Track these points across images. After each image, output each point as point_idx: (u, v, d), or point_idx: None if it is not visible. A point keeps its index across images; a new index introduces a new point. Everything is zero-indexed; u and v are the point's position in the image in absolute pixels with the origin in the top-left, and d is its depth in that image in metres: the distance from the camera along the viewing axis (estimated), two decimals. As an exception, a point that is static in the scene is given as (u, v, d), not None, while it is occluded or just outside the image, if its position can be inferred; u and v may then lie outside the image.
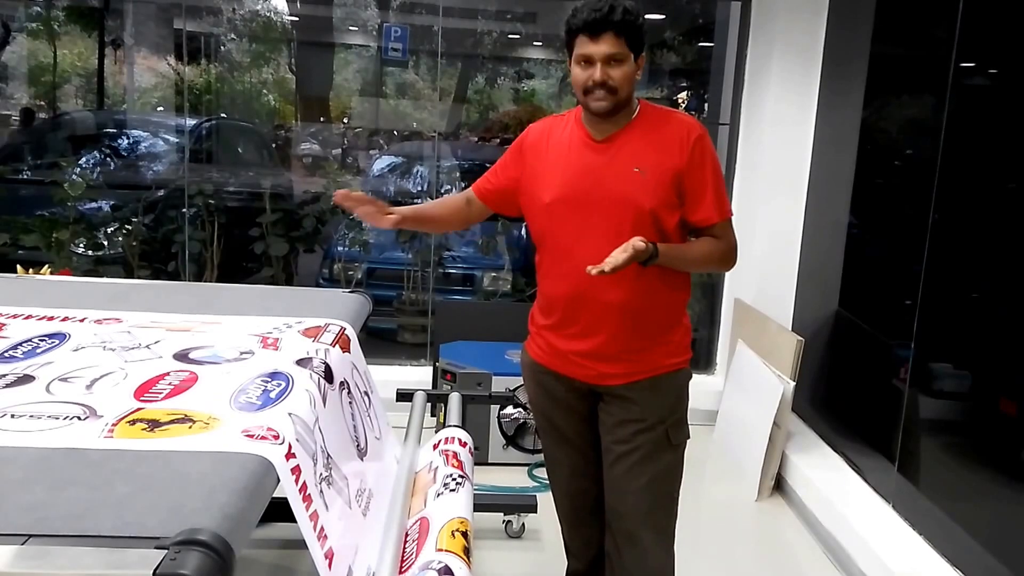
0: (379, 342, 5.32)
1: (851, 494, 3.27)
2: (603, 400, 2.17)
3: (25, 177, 5.73)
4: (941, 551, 2.79)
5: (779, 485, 3.57)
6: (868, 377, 3.60)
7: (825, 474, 3.43)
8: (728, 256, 2.15)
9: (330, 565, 1.53)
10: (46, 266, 3.82)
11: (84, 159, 5.56)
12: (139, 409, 1.59)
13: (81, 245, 5.02)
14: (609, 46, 1.95)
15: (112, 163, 5.77)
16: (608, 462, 2.17)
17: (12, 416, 1.53)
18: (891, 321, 3.52)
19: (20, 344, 1.95)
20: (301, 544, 1.47)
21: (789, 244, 4.02)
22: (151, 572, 1.05)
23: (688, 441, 2.18)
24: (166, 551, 1.09)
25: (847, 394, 3.82)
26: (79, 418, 1.54)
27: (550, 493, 2.38)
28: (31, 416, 1.54)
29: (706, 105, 5.95)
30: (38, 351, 1.92)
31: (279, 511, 1.46)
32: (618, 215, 2.03)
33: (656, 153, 2.05)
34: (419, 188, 5.99)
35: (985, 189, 2.99)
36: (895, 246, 3.57)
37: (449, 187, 5.86)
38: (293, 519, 1.46)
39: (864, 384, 3.67)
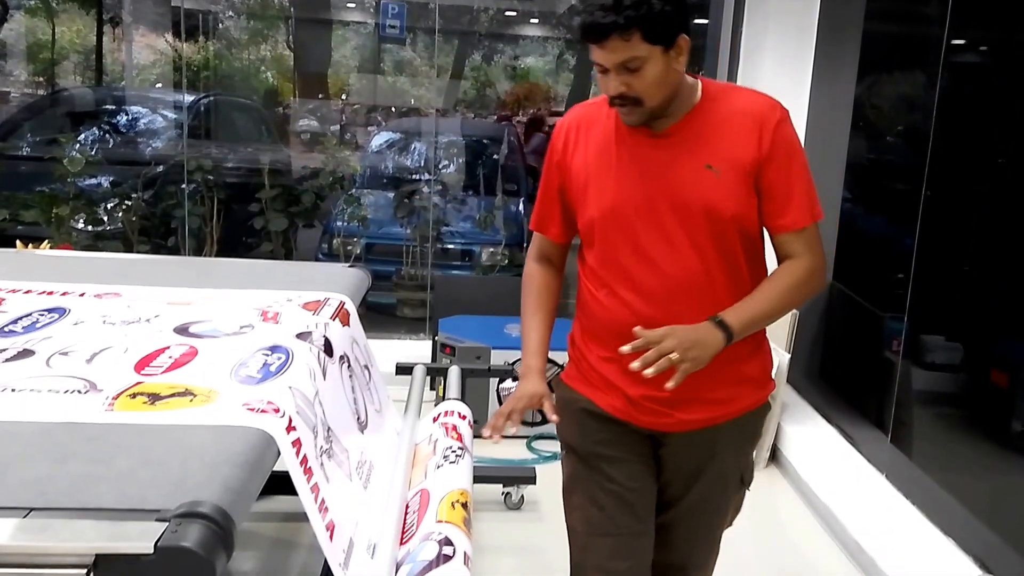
0: (378, 317, 5.30)
1: (845, 465, 3.27)
2: (665, 445, 1.73)
3: (25, 154, 5.68)
4: (934, 520, 2.79)
5: (774, 456, 3.57)
6: (861, 349, 3.59)
7: (820, 445, 3.42)
8: (816, 278, 1.66)
9: (331, 537, 1.51)
10: (46, 241, 3.79)
11: (83, 135, 5.50)
12: (140, 383, 1.57)
13: (81, 221, 4.98)
14: (619, 52, 1.49)
15: (111, 139, 5.71)
16: (670, 516, 1.79)
17: (12, 390, 1.51)
18: (884, 294, 3.51)
19: (20, 319, 1.92)
20: (303, 516, 1.45)
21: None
22: (152, 544, 1.03)
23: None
24: (167, 523, 1.07)
25: (841, 366, 3.82)
26: (80, 392, 1.51)
27: (549, 466, 2.31)
28: (32, 390, 1.51)
29: (703, 71, 5.90)
30: (38, 325, 1.89)
31: (280, 484, 1.44)
32: (692, 225, 1.60)
33: (730, 145, 1.60)
34: (417, 164, 5.96)
35: (976, 164, 2.96)
36: (888, 220, 3.55)
37: (447, 162, 5.82)
38: (294, 492, 1.44)
39: (858, 356, 3.66)
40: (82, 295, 2.16)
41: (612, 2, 1.46)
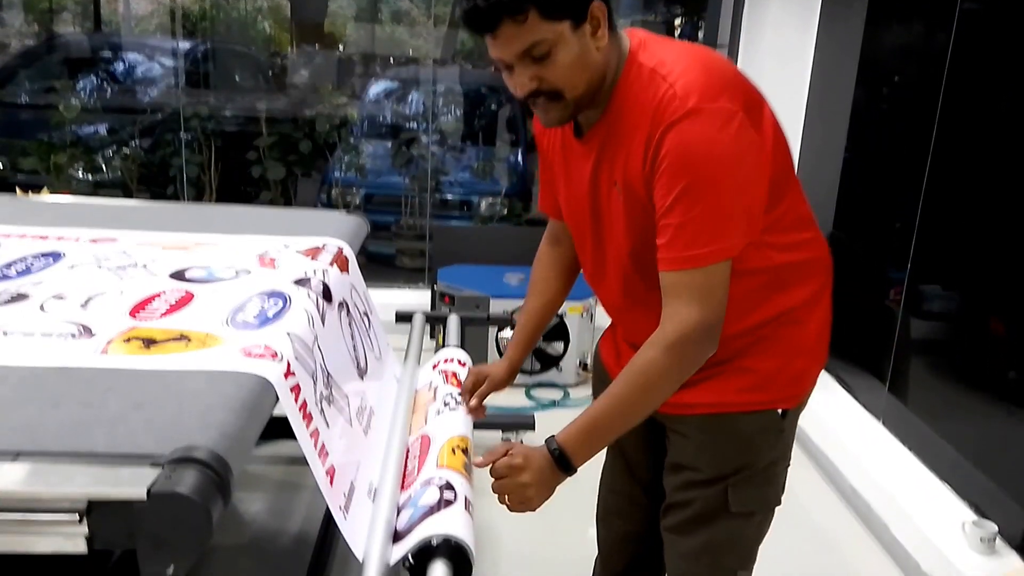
0: (378, 266, 5.26)
1: (843, 413, 3.25)
2: (667, 430, 1.54)
3: (22, 102, 5.57)
4: (930, 466, 2.78)
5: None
6: (860, 299, 3.55)
7: (817, 394, 3.38)
8: (677, 348, 1.22)
9: (332, 482, 1.48)
10: (44, 189, 3.72)
11: (80, 83, 5.39)
12: (134, 327, 1.52)
13: (80, 170, 4.91)
14: (517, 39, 1.18)
15: (108, 87, 5.60)
16: (662, 509, 1.57)
17: (5, 334, 1.46)
18: (884, 243, 3.46)
19: (14, 263, 1.87)
20: (306, 460, 1.41)
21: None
22: (145, 490, 0.99)
23: (767, 514, 1.51)
24: (161, 469, 1.02)
25: (839, 315, 3.76)
26: (73, 336, 1.46)
27: (548, 413, 2.27)
28: (24, 334, 1.46)
29: (701, 28, 5.77)
30: (32, 270, 1.84)
31: (285, 428, 1.40)
32: (617, 254, 1.36)
33: (628, 153, 1.25)
34: (416, 112, 5.86)
35: (985, 114, 2.89)
36: (891, 170, 3.48)
37: (446, 111, 5.72)
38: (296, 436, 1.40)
39: (856, 306, 3.62)
40: (77, 240, 2.10)
41: None
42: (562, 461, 1.32)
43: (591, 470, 1.99)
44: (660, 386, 1.27)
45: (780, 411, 1.41)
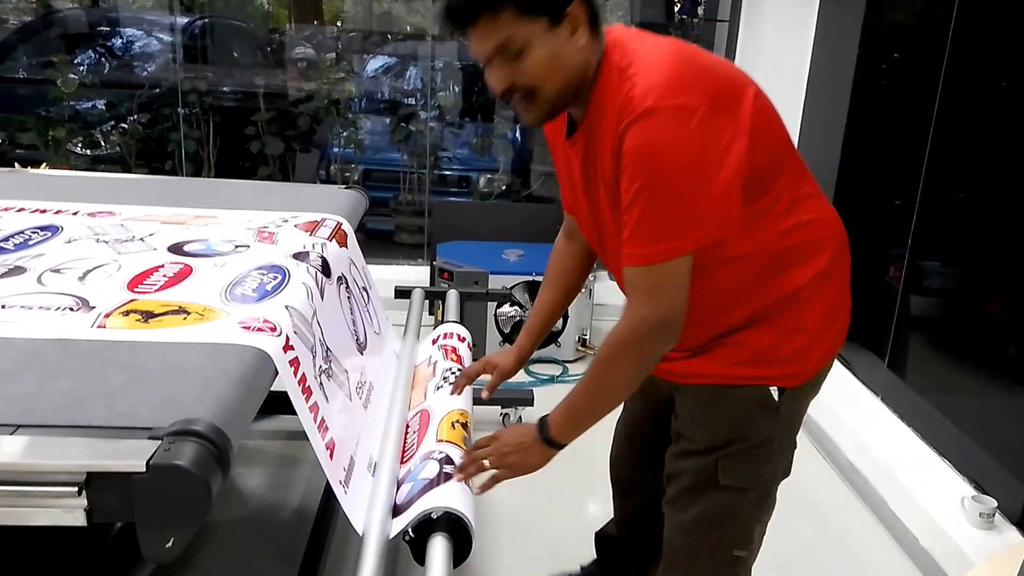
0: (377, 243, 5.23)
1: (842, 389, 3.24)
2: (674, 397, 1.54)
3: (21, 77, 5.52)
4: (929, 442, 2.78)
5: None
6: (859, 275, 3.53)
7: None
8: (636, 345, 1.26)
9: (331, 456, 1.47)
10: (43, 164, 3.69)
11: (78, 58, 5.34)
12: (133, 300, 1.50)
13: (79, 145, 4.87)
14: (492, 35, 1.20)
15: (106, 62, 5.55)
16: (664, 479, 1.57)
17: (3, 307, 1.45)
18: (884, 220, 3.44)
19: (11, 236, 1.85)
20: (306, 435, 1.40)
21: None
22: (144, 463, 0.98)
23: (763, 494, 1.50)
24: (160, 442, 1.01)
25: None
26: (71, 309, 1.45)
27: (546, 388, 2.26)
28: (22, 307, 1.45)
29: (701, 4, 5.70)
30: (30, 243, 1.82)
31: (284, 403, 1.39)
32: (613, 248, 1.36)
33: (604, 152, 1.26)
34: (414, 87, 5.81)
35: (987, 91, 2.86)
36: (892, 147, 3.45)
37: (444, 87, 5.67)
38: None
39: (855, 282, 3.60)
40: (75, 213, 2.08)
41: None
42: (547, 435, 1.39)
43: (591, 447, 1.99)
44: (622, 379, 1.32)
45: (776, 388, 1.39)
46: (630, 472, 1.83)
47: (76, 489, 0.99)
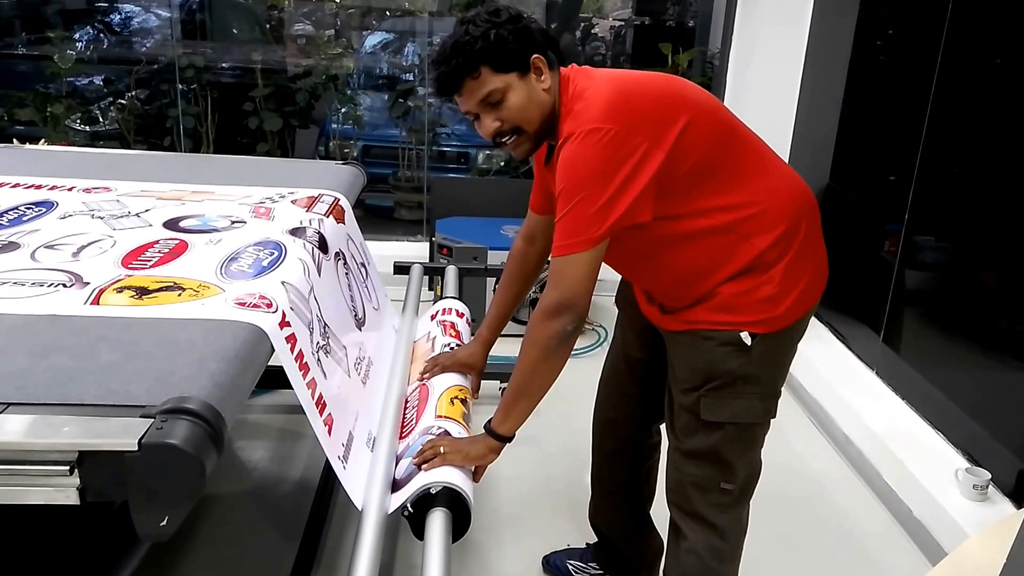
0: (376, 219, 5.19)
1: (837, 363, 3.22)
2: (666, 344, 1.70)
3: (20, 52, 5.44)
4: (922, 414, 2.76)
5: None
6: (855, 250, 3.50)
7: (812, 343, 3.35)
8: (545, 326, 1.46)
9: (330, 431, 1.44)
10: (42, 140, 3.64)
11: (76, 34, 5.26)
12: (127, 276, 1.47)
13: (77, 121, 4.80)
14: (476, 92, 1.47)
15: (104, 38, 5.47)
16: (665, 403, 1.72)
17: (-5, 283, 1.41)
18: (879, 195, 3.40)
19: (6, 212, 1.81)
20: (303, 411, 1.38)
21: (783, 117, 3.84)
22: (136, 441, 0.95)
23: (741, 430, 1.61)
24: (152, 420, 0.98)
25: (834, 266, 3.71)
26: (64, 285, 1.42)
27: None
28: (15, 283, 1.41)
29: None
30: (24, 219, 1.78)
31: (285, 378, 1.36)
32: None
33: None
34: (412, 63, 5.73)
35: (984, 67, 2.81)
36: (888, 123, 3.40)
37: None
38: (292, 386, 1.36)
39: (850, 257, 3.58)
40: (71, 189, 2.04)
41: (449, 49, 1.46)
42: (489, 429, 1.57)
43: (589, 422, 1.97)
44: (538, 359, 1.51)
45: (748, 334, 1.53)
46: (615, 412, 1.94)
47: (68, 468, 0.96)
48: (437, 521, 1.34)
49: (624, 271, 1.73)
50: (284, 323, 1.38)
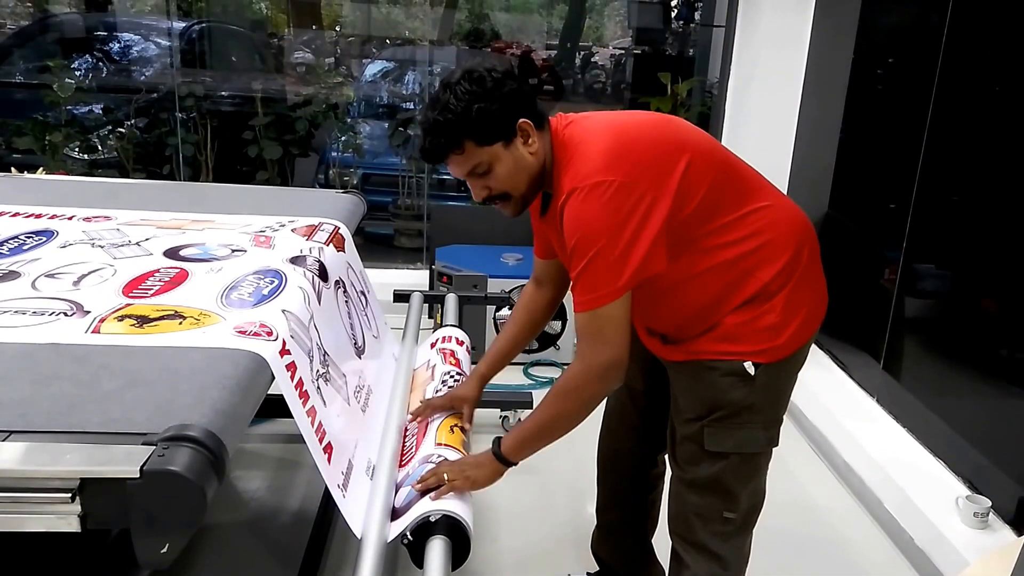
0: (376, 247, 5.21)
1: (837, 390, 3.23)
2: (668, 373, 1.72)
3: (19, 81, 5.49)
4: (924, 442, 2.77)
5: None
6: (855, 278, 3.53)
7: (812, 371, 3.36)
8: (584, 381, 1.48)
9: (329, 460, 1.45)
10: (40, 169, 3.67)
11: (75, 63, 5.32)
12: (127, 305, 1.49)
13: (76, 149, 4.84)
14: (462, 164, 1.47)
15: (104, 67, 5.52)
16: (668, 433, 1.73)
17: (-3, 312, 1.43)
18: (879, 223, 3.43)
19: (6, 241, 1.84)
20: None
21: (782, 145, 3.89)
22: (138, 468, 0.96)
23: (745, 460, 1.61)
24: (154, 447, 1.00)
25: (834, 294, 3.73)
26: (65, 314, 1.43)
27: (545, 391, 2.25)
28: (16, 312, 1.43)
29: (698, 10, 5.70)
30: (24, 248, 1.81)
31: (283, 407, 1.38)
32: None
33: (558, 227, 1.50)
34: (412, 92, 5.79)
35: (981, 96, 2.85)
36: (887, 151, 3.44)
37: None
38: (292, 415, 1.38)
39: (850, 285, 3.60)
40: (71, 218, 2.06)
41: (430, 125, 1.44)
42: (500, 455, 1.57)
43: (591, 449, 1.98)
44: (571, 411, 1.52)
45: (752, 364, 1.53)
46: (618, 443, 1.94)
47: (70, 495, 0.98)
48: (436, 549, 1.35)
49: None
50: (284, 351, 1.40)
